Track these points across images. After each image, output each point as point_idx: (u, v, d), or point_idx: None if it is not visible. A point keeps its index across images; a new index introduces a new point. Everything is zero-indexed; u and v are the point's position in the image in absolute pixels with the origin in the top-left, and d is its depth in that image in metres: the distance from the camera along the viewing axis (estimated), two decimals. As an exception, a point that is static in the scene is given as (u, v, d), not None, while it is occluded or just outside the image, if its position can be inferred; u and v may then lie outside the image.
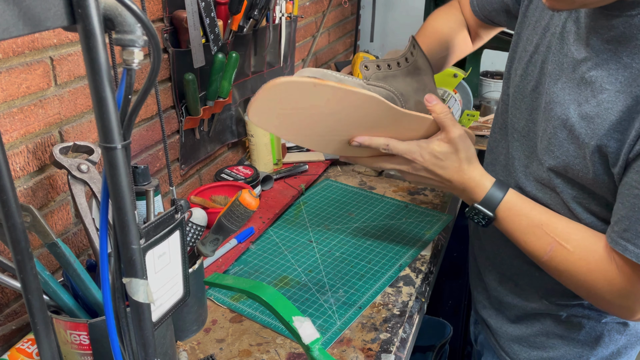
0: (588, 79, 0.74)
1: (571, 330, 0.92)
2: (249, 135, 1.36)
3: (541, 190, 0.85)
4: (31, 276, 0.38)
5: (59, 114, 0.87)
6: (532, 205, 0.83)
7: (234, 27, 1.23)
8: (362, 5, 2.19)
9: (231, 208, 0.82)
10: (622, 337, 0.92)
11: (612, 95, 0.71)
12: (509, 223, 0.83)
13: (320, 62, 1.92)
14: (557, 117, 0.78)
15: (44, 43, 0.83)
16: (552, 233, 0.79)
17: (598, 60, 0.73)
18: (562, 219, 0.81)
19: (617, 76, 0.71)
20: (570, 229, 0.80)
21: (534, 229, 0.81)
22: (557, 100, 0.78)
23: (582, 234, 0.79)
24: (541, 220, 0.81)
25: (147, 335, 0.49)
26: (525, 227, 0.82)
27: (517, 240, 0.84)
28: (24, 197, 0.84)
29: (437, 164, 0.83)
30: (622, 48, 0.71)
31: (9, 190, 0.35)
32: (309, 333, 0.70)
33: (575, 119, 0.75)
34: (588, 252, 0.77)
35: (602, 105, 0.72)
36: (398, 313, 0.92)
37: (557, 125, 0.78)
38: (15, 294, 0.86)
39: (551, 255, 0.79)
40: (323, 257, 1.08)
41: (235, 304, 0.95)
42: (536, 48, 0.85)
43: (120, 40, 0.40)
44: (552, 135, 0.79)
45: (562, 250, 0.78)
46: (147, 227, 0.58)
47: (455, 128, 0.82)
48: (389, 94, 0.86)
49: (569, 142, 0.76)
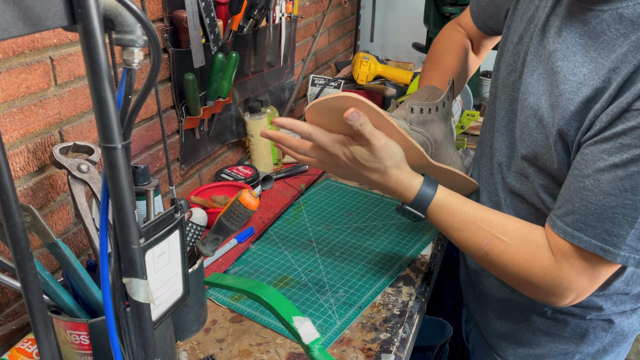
0: (555, 69, 0.76)
1: (556, 326, 0.93)
2: (249, 135, 1.36)
3: (519, 180, 0.86)
4: (31, 276, 0.38)
5: (59, 114, 0.87)
6: (464, 201, 0.83)
7: (234, 27, 1.23)
8: (362, 5, 2.19)
9: (231, 208, 0.82)
10: (608, 334, 0.92)
11: (574, 86, 0.73)
12: (442, 221, 0.83)
13: (320, 62, 1.92)
14: (530, 107, 0.80)
15: (44, 43, 0.83)
16: (487, 227, 0.80)
17: (567, 52, 0.75)
18: (496, 213, 0.82)
19: (581, 69, 0.73)
20: (506, 222, 0.81)
21: (468, 225, 0.81)
22: (532, 90, 0.81)
23: (518, 226, 0.80)
24: (475, 215, 0.81)
25: (147, 335, 0.49)
26: (459, 224, 0.82)
27: (452, 237, 0.84)
28: (24, 197, 0.84)
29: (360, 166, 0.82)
30: (592, 42, 0.73)
31: (9, 190, 0.35)
32: (309, 333, 0.70)
33: (545, 109, 0.77)
34: (524, 242, 0.78)
35: (564, 96, 0.74)
36: (398, 313, 0.92)
37: (529, 114, 0.80)
38: (15, 294, 0.86)
39: (487, 249, 0.80)
40: (323, 257, 1.08)
41: (235, 304, 0.95)
42: (520, 39, 0.87)
43: (120, 40, 0.41)
44: (524, 124, 0.81)
45: (499, 244, 0.79)
46: (146, 227, 0.58)
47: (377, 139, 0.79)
48: (425, 140, 0.92)
49: (538, 132, 0.79)
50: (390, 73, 1.65)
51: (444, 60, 1.11)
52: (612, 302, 0.89)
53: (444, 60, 1.11)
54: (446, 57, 1.12)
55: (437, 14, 1.81)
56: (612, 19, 0.71)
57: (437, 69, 1.10)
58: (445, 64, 1.11)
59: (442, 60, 1.11)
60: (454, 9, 1.75)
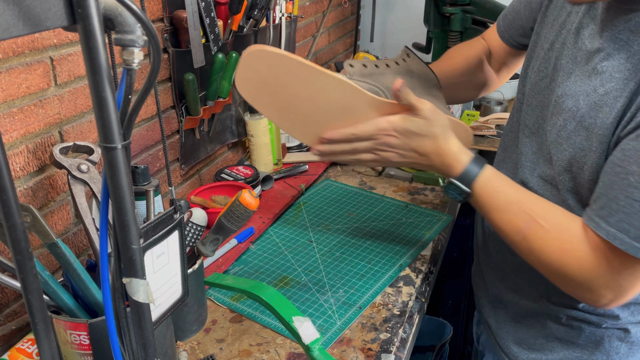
0: (599, 70, 0.74)
1: (571, 333, 0.92)
2: (249, 135, 1.36)
3: (542, 186, 0.85)
4: (31, 276, 0.38)
5: (59, 114, 0.87)
6: (510, 182, 0.82)
7: (234, 27, 1.23)
8: (362, 5, 2.19)
9: (231, 208, 0.82)
10: (623, 344, 0.90)
11: (620, 82, 0.71)
12: (486, 199, 0.82)
13: (321, 62, 1.92)
14: (568, 109, 0.78)
15: (44, 43, 0.83)
16: (529, 210, 0.78)
17: (610, 51, 0.74)
18: (539, 198, 0.81)
19: (626, 64, 0.71)
20: (548, 207, 0.79)
21: (510, 205, 0.80)
22: (569, 93, 0.78)
23: (559, 213, 0.78)
24: (519, 197, 0.80)
25: (147, 335, 0.49)
26: (502, 204, 0.81)
27: (492, 218, 0.82)
28: (24, 197, 0.84)
29: (413, 138, 0.81)
30: (634, 37, 0.71)
31: (9, 190, 0.35)
32: (309, 333, 0.70)
33: (585, 110, 0.75)
34: (563, 230, 0.77)
35: (611, 94, 0.72)
36: (398, 313, 0.92)
37: (567, 117, 0.78)
38: (15, 294, 0.86)
39: (526, 233, 0.78)
40: (323, 257, 1.08)
41: (235, 304, 0.95)
42: (551, 45, 0.86)
43: (120, 40, 0.41)
44: (562, 127, 0.79)
45: (538, 228, 0.77)
46: (145, 227, 0.58)
47: (423, 103, 0.80)
48: (372, 88, 0.84)
49: (577, 134, 0.77)
50: (390, 73, 1.65)
51: (446, 53, 1.12)
52: (629, 312, 0.87)
53: (446, 54, 1.12)
54: (449, 52, 1.13)
55: (437, 14, 1.81)
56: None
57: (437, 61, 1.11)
58: (444, 56, 1.11)
59: (444, 56, 1.12)
60: (454, 9, 1.74)
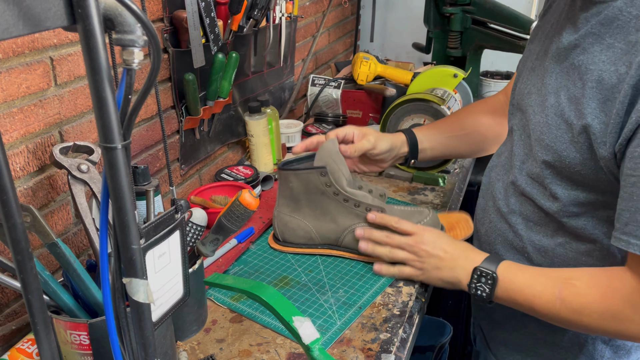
0: (577, 64, 0.77)
1: (555, 335, 0.92)
2: (249, 135, 1.36)
3: (530, 184, 0.87)
4: (31, 276, 0.38)
5: (59, 114, 0.88)
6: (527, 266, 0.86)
7: (234, 27, 1.23)
8: (362, 5, 2.19)
9: (231, 208, 0.82)
10: (607, 347, 0.90)
11: (595, 74, 0.73)
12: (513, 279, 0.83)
13: (320, 62, 1.92)
14: (551, 105, 0.81)
15: (44, 43, 0.83)
16: (555, 275, 0.80)
17: (585, 45, 0.76)
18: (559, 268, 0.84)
19: (600, 57, 0.73)
20: (573, 269, 0.81)
21: (537, 277, 0.82)
22: (551, 90, 0.81)
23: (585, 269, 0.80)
24: (542, 270, 0.83)
25: (147, 335, 0.49)
26: (529, 279, 0.82)
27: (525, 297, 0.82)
28: (24, 197, 0.84)
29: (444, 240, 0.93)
30: (605, 30, 0.74)
31: (9, 190, 0.35)
32: (309, 333, 0.70)
33: (565, 103, 0.78)
34: (595, 276, 0.76)
35: (587, 85, 0.74)
36: (398, 313, 0.92)
37: (550, 113, 0.80)
38: (15, 294, 0.86)
39: (562, 295, 0.77)
40: (323, 257, 1.08)
41: (235, 304, 0.95)
42: (537, 55, 0.90)
43: (120, 40, 0.41)
44: (544, 124, 0.81)
45: (571, 287, 0.77)
46: (147, 227, 0.58)
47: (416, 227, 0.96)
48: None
49: (558, 128, 0.79)
50: (390, 73, 1.65)
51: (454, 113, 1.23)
52: None
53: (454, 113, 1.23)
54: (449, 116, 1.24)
55: (437, 14, 1.81)
56: (624, 4, 0.72)
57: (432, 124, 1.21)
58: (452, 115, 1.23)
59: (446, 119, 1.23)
60: (454, 9, 1.75)
